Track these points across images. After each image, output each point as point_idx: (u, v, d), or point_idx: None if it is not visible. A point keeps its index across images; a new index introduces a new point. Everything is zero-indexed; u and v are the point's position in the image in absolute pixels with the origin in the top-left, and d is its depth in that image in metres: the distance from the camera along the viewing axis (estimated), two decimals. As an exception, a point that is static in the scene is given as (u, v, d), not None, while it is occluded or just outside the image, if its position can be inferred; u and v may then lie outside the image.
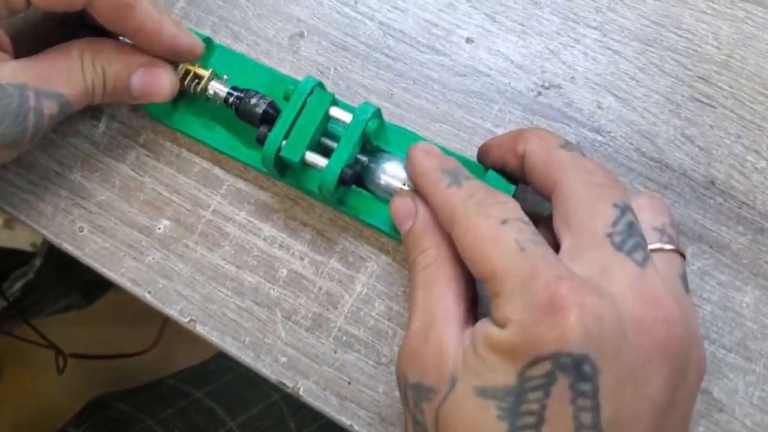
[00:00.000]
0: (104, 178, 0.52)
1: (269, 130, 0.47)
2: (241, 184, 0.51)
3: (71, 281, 1.38)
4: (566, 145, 0.42)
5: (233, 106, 0.49)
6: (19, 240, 1.43)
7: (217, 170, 0.52)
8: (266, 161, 0.47)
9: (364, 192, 0.49)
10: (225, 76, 0.50)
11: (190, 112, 0.52)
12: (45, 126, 0.45)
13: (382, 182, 0.47)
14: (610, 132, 0.50)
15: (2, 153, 0.45)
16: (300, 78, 0.51)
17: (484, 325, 0.37)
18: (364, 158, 0.48)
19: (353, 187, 0.49)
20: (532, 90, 0.51)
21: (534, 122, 0.51)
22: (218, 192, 0.51)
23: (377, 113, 0.47)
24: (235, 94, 0.49)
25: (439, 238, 0.42)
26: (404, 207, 0.45)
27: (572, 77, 0.51)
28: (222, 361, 1.05)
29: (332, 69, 0.53)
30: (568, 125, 0.50)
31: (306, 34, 0.53)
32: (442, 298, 0.41)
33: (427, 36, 0.53)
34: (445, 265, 0.42)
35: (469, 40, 0.52)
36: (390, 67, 0.52)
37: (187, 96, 0.51)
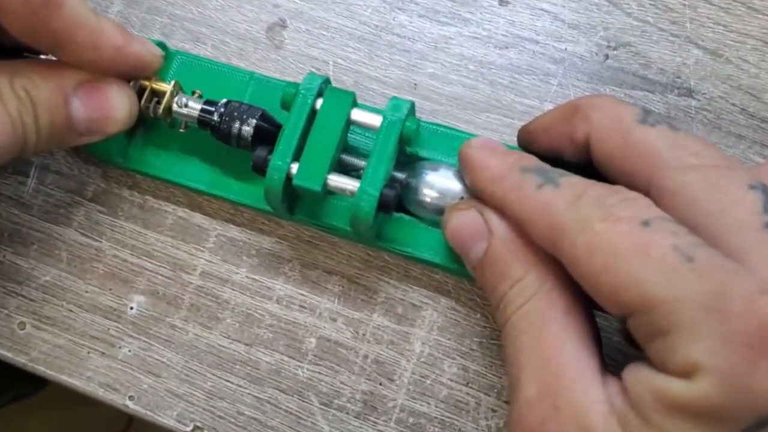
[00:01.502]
0: (46, 252, 0.38)
1: (269, 152, 0.34)
2: (233, 231, 0.38)
3: (15, 368, 1.21)
4: (646, 117, 0.31)
5: (211, 127, 0.35)
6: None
7: (198, 217, 0.38)
8: (271, 196, 0.33)
9: (405, 217, 0.36)
10: (196, 92, 0.37)
11: (152, 145, 0.38)
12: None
13: (429, 199, 0.35)
14: (704, 93, 0.38)
15: None
16: (291, 80, 0.39)
17: (648, 377, 0.26)
18: (400, 174, 0.35)
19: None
20: (596, 53, 0.39)
21: (607, 93, 0.38)
22: (204, 247, 0.38)
23: (412, 108, 0.34)
24: (211, 109, 0.35)
25: (534, 261, 0.30)
26: (469, 225, 0.32)
27: (643, 31, 0.39)
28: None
29: (331, 63, 0.40)
30: (651, 91, 0.38)
31: (288, 22, 0.40)
32: (563, 343, 0.29)
33: (447, 2, 0.40)
34: (554, 297, 0.29)
35: (503, 2, 0.40)
36: (407, 51, 0.40)
37: (145, 122, 0.37)
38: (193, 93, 0.36)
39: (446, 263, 0.35)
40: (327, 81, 0.35)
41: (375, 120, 0.34)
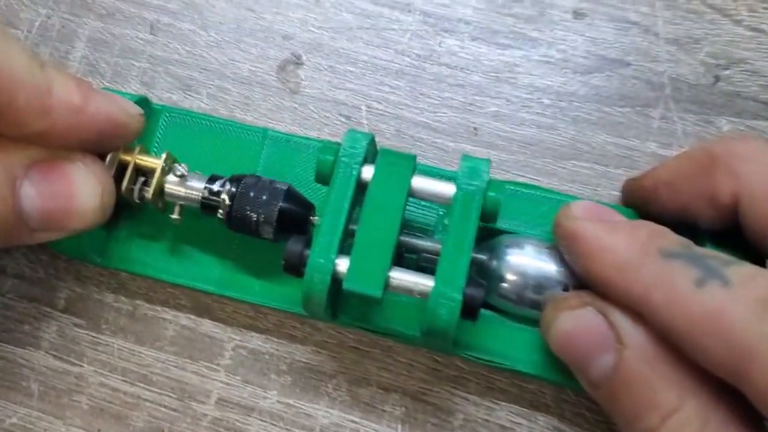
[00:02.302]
0: (9, 384, 0.29)
1: (305, 245, 0.25)
2: (256, 340, 0.29)
3: None
4: None
5: (222, 213, 0.26)
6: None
7: (207, 325, 0.29)
8: (313, 303, 0.24)
9: (486, 313, 0.27)
10: (181, 168, 0.27)
11: (139, 236, 0.29)
12: None
13: (516, 288, 0.26)
14: None
15: None
16: (317, 136, 0.30)
17: None
18: (479, 255, 0.26)
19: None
20: (703, 75, 0.30)
21: (723, 128, 0.30)
22: (219, 364, 0.29)
23: (498, 185, 0.25)
24: (219, 188, 0.26)
25: (692, 384, 0.22)
26: (588, 331, 0.24)
27: (759, 42, 0.31)
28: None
29: (363, 108, 0.31)
30: (780, 120, 0.30)
31: (304, 57, 0.31)
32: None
33: (506, 20, 0.31)
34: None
35: (578, 14, 0.31)
36: (461, 85, 0.31)
37: (129, 206, 0.28)
38: (177, 168, 0.27)
39: (546, 375, 0.26)
40: (372, 140, 0.26)
41: (446, 189, 0.25)
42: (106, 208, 0.26)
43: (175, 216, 0.27)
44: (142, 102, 0.28)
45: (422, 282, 0.24)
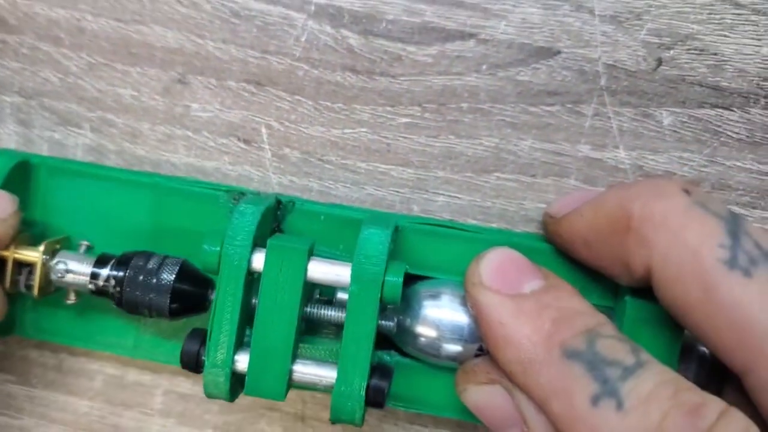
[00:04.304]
0: (-44, 440, 0.30)
1: (202, 343, 0.24)
2: (185, 384, 0.29)
3: None
4: (735, 251, 0.21)
5: (113, 298, 0.25)
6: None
7: (133, 374, 0.29)
8: (215, 396, 0.24)
9: (404, 361, 0.27)
10: (84, 244, 0.26)
11: (47, 306, 0.28)
12: None
13: (431, 343, 0.25)
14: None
15: None
16: (217, 167, 0.27)
17: None
18: (388, 323, 0.25)
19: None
20: (644, 58, 0.26)
21: (664, 121, 0.26)
22: (153, 409, 0.29)
23: (398, 266, 0.23)
24: (105, 272, 0.25)
25: None
26: (496, 408, 0.24)
27: (710, 13, 0.26)
28: None
29: (263, 130, 0.28)
30: (727, 107, 0.26)
31: (189, 76, 0.28)
32: None
33: (425, 12, 0.27)
34: None
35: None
36: (373, 90, 0.27)
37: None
38: (58, 256, 0.25)
39: (469, 418, 0.26)
40: (268, 211, 0.24)
41: (345, 274, 0.23)
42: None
43: (70, 300, 0.26)
44: (19, 168, 0.26)
45: (327, 375, 0.23)
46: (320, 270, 0.23)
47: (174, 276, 0.24)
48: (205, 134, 0.28)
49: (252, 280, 0.24)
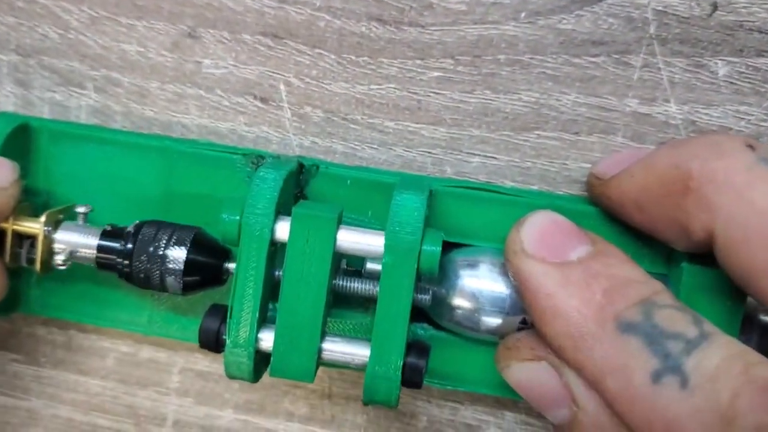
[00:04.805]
0: (-38, 422, 0.28)
1: (222, 320, 0.22)
2: (202, 362, 0.27)
3: None
4: None
5: (119, 274, 0.23)
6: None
7: (148, 350, 0.27)
8: (235, 375, 0.22)
9: (441, 335, 0.25)
10: (82, 208, 0.24)
11: (54, 281, 0.26)
12: None
13: (470, 315, 0.23)
14: None
15: None
16: (232, 128, 0.25)
17: None
18: (423, 296, 0.23)
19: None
20: (697, 3, 0.24)
21: (720, 72, 0.24)
22: (169, 388, 0.27)
23: (435, 235, 0.21)
24: (115, 245, 0.23)
25: None
26: (542, 386, 0.22)
27: (773, -56, 0.24)
28: None
29: (282, 87, 0.25)
30: (791, 54, 0.24)
31: (199, 30, 0.25)
32: None
33: (448, -47, 0.24)
34: None
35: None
36: (401, 41, 0.25)
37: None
38: (80, 213, 0.23)
39: (508, 394, 0.24)
40: (290, 175, 0.22)
41: (379, 244, 0.21)
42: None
43: (61, 265, 0.23)
44: (19, 132, 0.24)
45: (359, 353, 0.22)
46: (351, 239, 0.21)
47: (188, 247, 0.22)
48: (218, 93, 0.26)
49: (275, 251, 0.22)
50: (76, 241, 0.23)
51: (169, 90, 0.26)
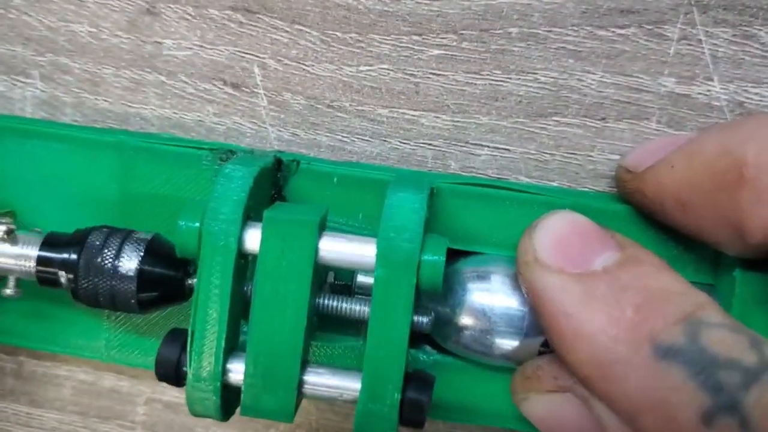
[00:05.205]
0: None
1: (182, 349, 0.18)
2: (170, 391, 0.24)
3: None
4: None
5: (67, 289, 0.19)
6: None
7: (109, 379, 0.24)
8: (199, 413, 0.19)
9: (447, 360, 0.21)
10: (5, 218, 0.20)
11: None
12: None
13: (479, 337, 0.20)
14: None
15: None
16: (199, 120, 0.22)
17: None
18: (422, 318, 0.19)
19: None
20: (747, -39, 0.20)
21: (774, 43, 0.20)
22: (134, 421, 0.24)
23: (437, 241, 0.18)
24: (56, 256, 0.19)
25: None
26: (566, 421, 0.18)
27: None
28: None
29: (256, 70, 0.22)
30: None
31: (159, 6, 0.22)
32: None
33: None
34: None
35: None
36: (395, 14, 0.21)
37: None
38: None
39: (524, 427, 0.21)
40: (262, 172, 0.18)
41: (364, 252, 0.17)
42: None
43: (9, 291, 0.20)
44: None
45: (348, 387, 0.18)
46: (336, 249, 0.17)
47: (141, 256, 0.19)
48: (182, 78, 0.22)
49: (245, 264, 0.18)
50: (10, 251, 0.19)
51: (126, 76, 0.22)
